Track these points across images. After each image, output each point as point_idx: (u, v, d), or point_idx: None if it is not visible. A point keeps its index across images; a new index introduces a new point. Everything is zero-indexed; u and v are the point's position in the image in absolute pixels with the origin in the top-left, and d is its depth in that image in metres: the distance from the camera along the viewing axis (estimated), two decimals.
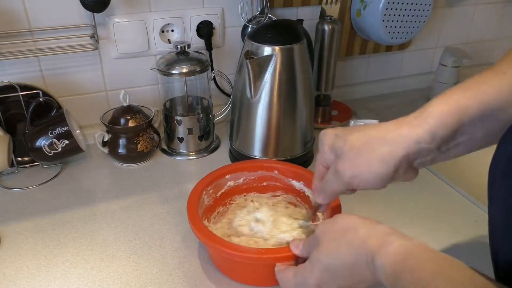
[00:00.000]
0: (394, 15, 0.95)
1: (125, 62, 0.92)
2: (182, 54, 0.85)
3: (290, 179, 0.72)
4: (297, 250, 0.54)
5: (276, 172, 0.72)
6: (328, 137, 0.51)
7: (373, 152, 0.46)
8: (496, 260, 0.49)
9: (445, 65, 1.09)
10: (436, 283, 0.38)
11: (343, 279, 0.47)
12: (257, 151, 0.82)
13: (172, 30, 0.93)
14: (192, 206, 0.63)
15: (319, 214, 0.66)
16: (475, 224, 0.72)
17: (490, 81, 0.43)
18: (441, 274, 0.38)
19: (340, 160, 0.49)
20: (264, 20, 0.92)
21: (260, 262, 0.55)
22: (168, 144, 0.92)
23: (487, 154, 0.51)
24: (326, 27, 0.93)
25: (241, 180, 0.72)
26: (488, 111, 0.43)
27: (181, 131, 0.89)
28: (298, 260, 0.55)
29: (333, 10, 0.96)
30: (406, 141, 0.44)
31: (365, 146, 0.46)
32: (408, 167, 0.46)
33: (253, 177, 0.72)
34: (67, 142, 0.81)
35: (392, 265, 0.41)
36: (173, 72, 0.84)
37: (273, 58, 0.75)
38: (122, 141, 0.85)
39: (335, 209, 0.62)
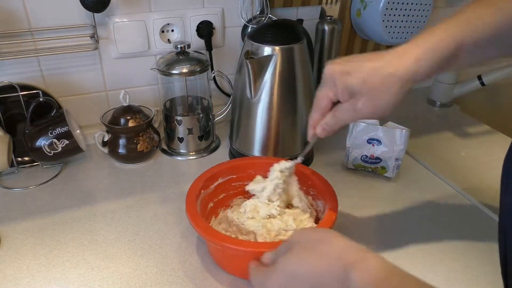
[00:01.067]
0: (394, 15, 0.95)
1: (125, 62, 0.92)
2: (182, 54, 0.85)
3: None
4: (267, 260, 0.52)
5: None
6: (339, 74, 0.52)
7: (390, 90, 0.49)
8: (505, 248, 0.49)
9: None
10: None
11: None
12: (257, 151, 0.82)
13: (172, 30, 0.93)
14: (192, 200, 0.63)
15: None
16: (475, 223, 0.73)
17: (486, 17, 0.48)
18: None
19: (361, 100, 0.51)
20: (264, 20, 0.92)
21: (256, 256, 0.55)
22: (168, 144, 0.92)
23: (488, 156, 0.51)
24: (326, 27, 0.93)
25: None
26: (482, 45, 0.48)
27: (181, 131, 0.89)
28: None
29: (333, 10, 0.96)
30: (413, 76, 0.49)
31: (382, 86, 0.49)
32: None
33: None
34: (67, 142, 0.81)
35: (373, 282, 0.39)
36: (173, 72, 0.84)
37: (273, 58, 0.75)
38: (122, 141, 0.85)
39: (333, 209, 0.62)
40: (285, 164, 0.66)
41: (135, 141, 0.85)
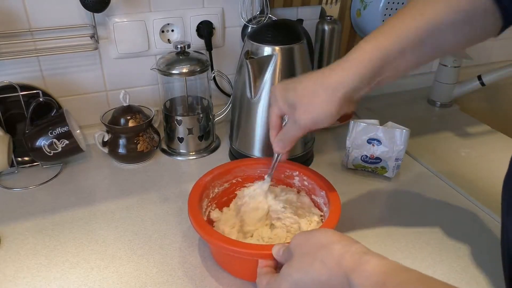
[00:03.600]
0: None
1: (125, 62, 0.92)
2: (182, 54, 0.85)
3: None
4: (277, 256, 0.53)
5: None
6: (280, 91, 0.58)
7: (321, 97, 0.54)
8: (510, 271, 0.49)
9: (445, 65, 1.09)
10: None
11: None
12: (257, 151, 0.82)
13: (172, 30, 0.93)
14: (194, 202, 0.63)
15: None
16: (475, 223, 0.73)
17: (409, 24, 0.51)
18: None
19: (297, 110, 0.56)
20: (264, 20, 0.92)
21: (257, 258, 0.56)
22: (168, 144, 0.92)
23: (488, 156, 0.51)
24: (326, 27, 0.93)
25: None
26: (408, 50, 0.51)
27: (181, 131, 0.89)
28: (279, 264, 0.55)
29: (333, 10, 0.96)
30: (342, 85, 0.53)
31: (314, 94, 0.55)
32: (349, 101, 0.55)
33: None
34: (67, 142, 0.81)
35: (373, 285, 0.40)
36: (173, 72, 0.84)
37: (273, 58, 0.75)
38: (122, 141, 0.85)
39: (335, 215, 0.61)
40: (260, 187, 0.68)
41: (135, 141, 0.85)
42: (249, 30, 0.92)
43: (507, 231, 0.50)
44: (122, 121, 0.84)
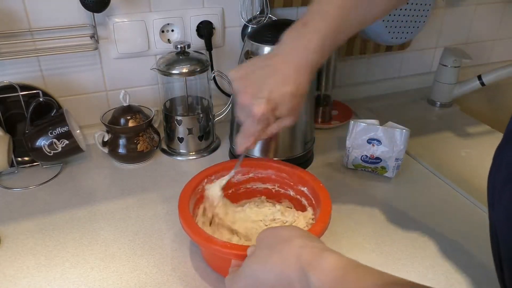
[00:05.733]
0: (394, 15, 0.95)
1: (125, 62, 0.92)
2: (182, 54, 0.85)
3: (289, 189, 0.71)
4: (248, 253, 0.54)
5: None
6: (270, 113, 0.57)
7: (303, 100, 0.59)
8: (501, 267, 0.49)
9: (445, 65, 1.09)
10: None
11: None
12: (257, 151, 0.82)
13: (172, 30, 0.93)
14: (184, 202, 0.63)
15: None
16: (475, 224, 0.72)
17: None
18: None
19: (287, 119, 0.60)
20: (264, 20, 0.92)
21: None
22: (168, 144, 0.92)
23: (488, 156, 0.51)
24: None
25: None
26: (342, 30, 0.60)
27: (181, 131, 0.89)
28: None
29: None
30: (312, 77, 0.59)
31: (300, 104, 0.59)
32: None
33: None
34: (67, 142, 0.81)
35: (330, 282, 0.40)
36: (173, 72, 0.84)
37: None
38: (122, 141, 0.85)
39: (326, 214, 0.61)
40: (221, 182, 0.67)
41: (135, 141, 0.85)
42: (249, 30, 0.92)
43: (493, 221, 0.51)
44: (122, 121, 0.84)
